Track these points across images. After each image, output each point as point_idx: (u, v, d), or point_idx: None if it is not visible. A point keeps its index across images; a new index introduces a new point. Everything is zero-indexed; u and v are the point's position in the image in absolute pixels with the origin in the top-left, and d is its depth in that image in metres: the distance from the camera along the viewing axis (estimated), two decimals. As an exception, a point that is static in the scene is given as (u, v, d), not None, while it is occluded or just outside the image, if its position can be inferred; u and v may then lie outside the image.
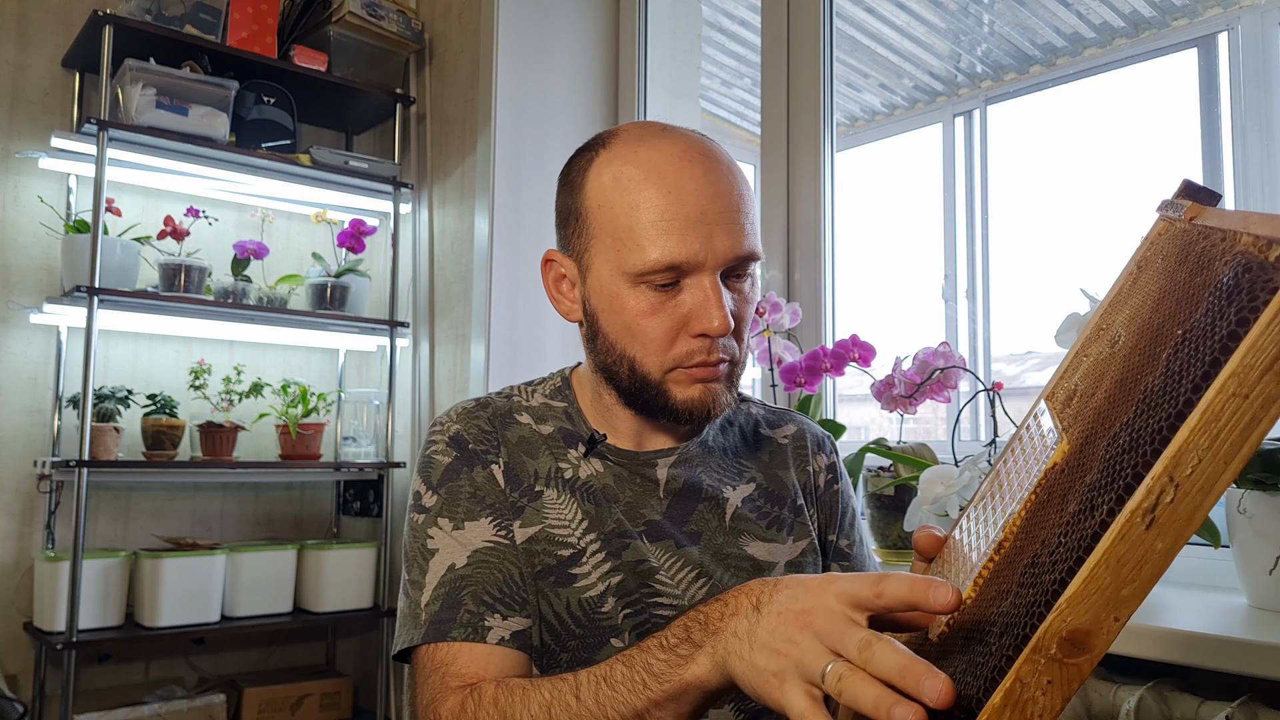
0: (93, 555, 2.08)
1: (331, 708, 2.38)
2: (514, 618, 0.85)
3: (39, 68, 2.29)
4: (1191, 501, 0.45)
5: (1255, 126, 1.56)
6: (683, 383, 0.87)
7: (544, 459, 0.94)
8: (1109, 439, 0.52)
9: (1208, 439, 0.44)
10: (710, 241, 0.84)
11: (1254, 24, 1.62)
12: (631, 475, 0.94)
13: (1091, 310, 1.16)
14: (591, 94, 2.41)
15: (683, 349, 0.86)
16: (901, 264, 2.34)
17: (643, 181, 0.85)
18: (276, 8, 2.38)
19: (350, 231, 2.44)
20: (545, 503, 0.91)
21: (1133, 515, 0.45)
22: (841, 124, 2.42)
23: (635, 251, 0.84)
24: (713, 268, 0.85)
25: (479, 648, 0.83)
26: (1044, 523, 0.55)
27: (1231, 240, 0.51)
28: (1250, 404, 0.43)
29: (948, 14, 2.34)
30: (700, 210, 0.84)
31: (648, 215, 0.84)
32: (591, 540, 0.90)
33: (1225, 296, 0.48)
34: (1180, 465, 0.44)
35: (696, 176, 0.85)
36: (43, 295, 2.23)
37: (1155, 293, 0.58)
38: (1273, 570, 1.06)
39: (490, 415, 0.97)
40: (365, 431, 2.54)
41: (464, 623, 0.84)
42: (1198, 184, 0.64)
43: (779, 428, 1.04)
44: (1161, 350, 0.51)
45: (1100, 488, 0.50)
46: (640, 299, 0.86)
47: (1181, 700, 1.05)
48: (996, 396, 1.35)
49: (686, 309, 0.85)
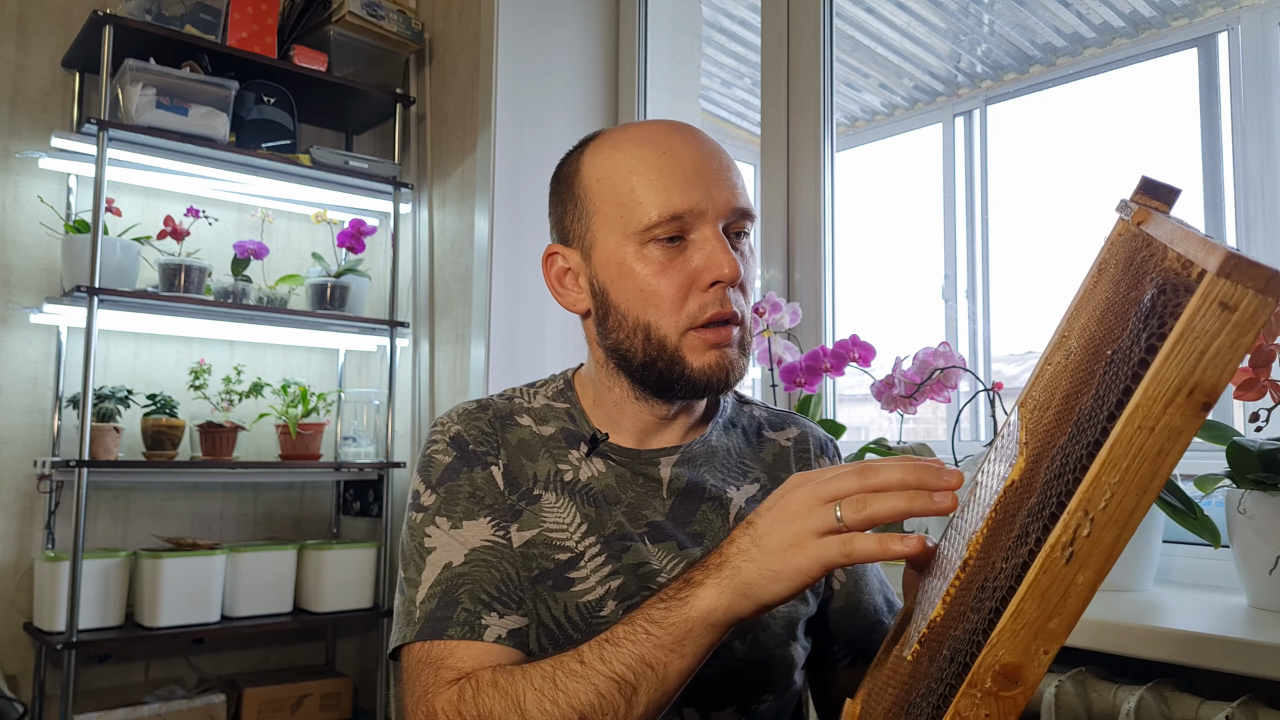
0: (93, 555, 2.08)
1: (331, 708, 2.38)
2: (510, 616, 0.84)
3: (39, 68, 2.29)
4: (1108, 534, 0.45)
5: (1255, 126, 1.56)
6: (698, 349, 0.87)
7: (543, 461, 0.94)
8: (1048, 461, 0.52)
9: (1118, 474, 0.44)
10: (710, 194, 0.87)
11: (1254, 24, 1.62)
12: (634, 475, 0.93)
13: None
14: (591, 94, 2.41)
15: (695, 304, 0.86)
16: (901, 264, 2.33)
17: (636, 149, 0.89)
18: (276, 8, 2.38)
19: (350, 231, 2.44)
20: (543, 506, 0.91)
21: (1052, 550, 0.46)
22: (841, 124, 2.42)
23: (638, 210, 0.87)
24: (714, 219, 0.87)
25: (475, 645, 0.82)
26: (997, 544, 0.55)
27: (1160, 256, 0.51)
28: (1156, 437, 0.44)
29: (948, 14, 2.34)
30: (695, 166, 0.87)
31: (646, 175, 0.87)
32: (590, 544, 0.89)
33: (1142, 319, 0.48)
34: (1094, 500, 0.45)
35: (686, 140, 0.89)
36: (43, 295, 2.23)
37: (1103, 303, 0.58)
38: (1273, 570, 1.06)
39: (491, 417, 0.96)
40: (365, 431, 2.54)
41: (460, 620, 0.83)
42: (1156, 180, 0.63)
43: (781, 430, 1.03)
44: (1096, 369, 0.52)
45: (1034, 513, 0.51)
46: (649, 259, 0.87)
47: (1181, 700, 1.05)
48: (996, 396, 1.35)
49: (695, 263, 0.86)
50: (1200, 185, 1.65)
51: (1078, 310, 0.65)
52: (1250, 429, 1.12)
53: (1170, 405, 0.43)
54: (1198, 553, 1.32)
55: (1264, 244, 1.53)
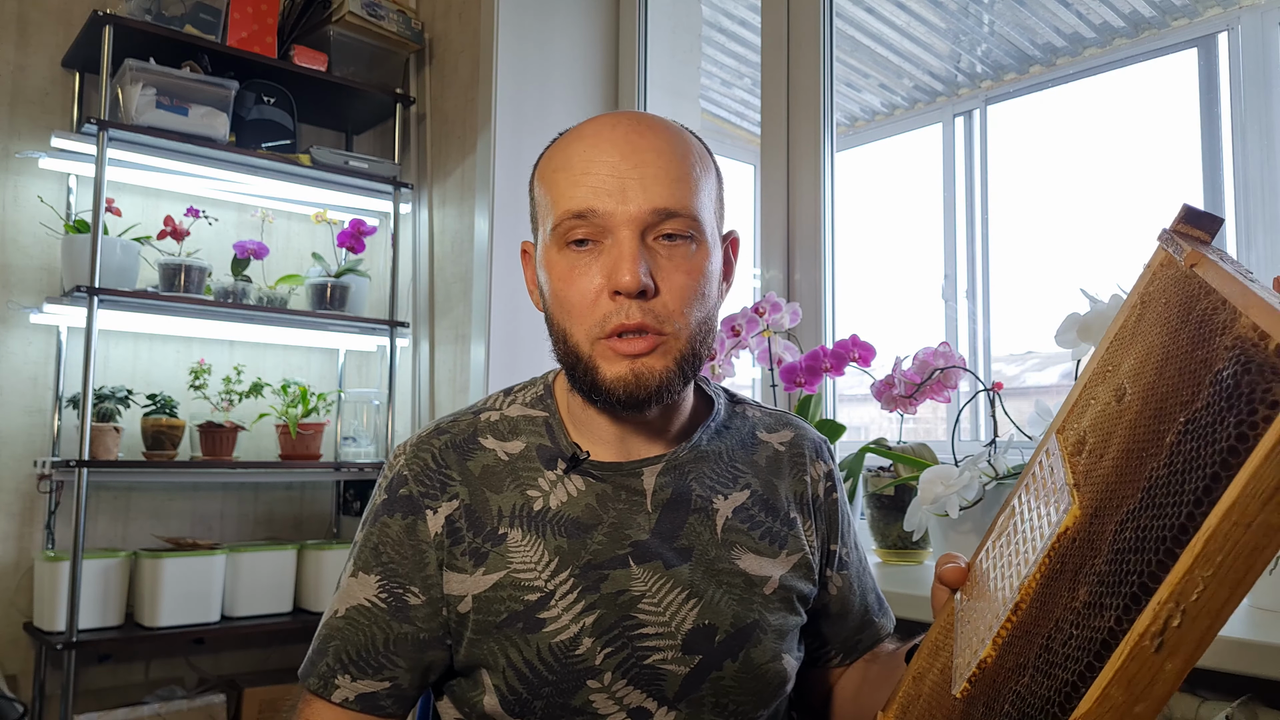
0: (93, 555, 2.08)
1: (331, 708, 2.38)
2: (363, 680, 0.85)
3: (39, 68, 2.29)
4: (1200, 624, 0.44)
5: (1255, 126, 1.56)
6: (609, 358, 0.82)
7: (509, 493, 0.88)
8: (1116, 524, 0.51)
9: (1211, 568, 0.43)
10: (625, 193, 0.81)
11: (1254, 24, 1.62)
12: (616, 490, 0.88)
13: (1092, 311, 1.16)
14: (591, 94, 2.41)
15: (601, 313, 0.81)
16: (901, 264, 2.33)
17: (567, 147, 0.85)
18: (276, 8, 2.38)
19: (350, 231, 2.44)
20: (509, 546, 0.86)
21: (1141, 638, 0.45)
22: (841, 124, 2.42)
23: (552, 211, 0.84)
24: (628, 221, 0.80)
25: (322, 705, 0.86)
26: (1057, 597, 0.55)
27: (1229, 318, 0.50)
28: (1253, 533, 0.43)
29: (948, 14, 2.34)
30: (614, 165, 0.81)
31: (565, 173, 0.83)
32: (562, 581, 0.85)
33: (1226, 396, 0.47)
34: (1185, 592, 0.44)
35: (618, 137, 0.83)
36: (43, 295, 2.23)
37: (1160, 350, 0.57)
38: (1273, 570, 1.06)
39: (445, 445, 0.91)
40: (365, 431, 2.54)
41: (320, 674, 0.86)
42: (1198, 209, 0.62)
43: (775, 432, 1.00)
44: (1166, 432, 0.51)
45: (1109, 583, 0.50)
46: (563, 262, 0.83)
47: (1181, 700, 1.05)
48: (996, 396, 1.35)
49: (602, 270, 0.81)
50: (1200, 185, 1.65)
51: (1122, 344, 0.63)
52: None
53: (1269, 504, 0.42)
54: (1198, 553, 1.32)
55: (1264, 244, 1.53)
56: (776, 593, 0.89)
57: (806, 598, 0.93)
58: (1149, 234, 0.64)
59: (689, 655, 0.84)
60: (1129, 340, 0.62)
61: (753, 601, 0.88)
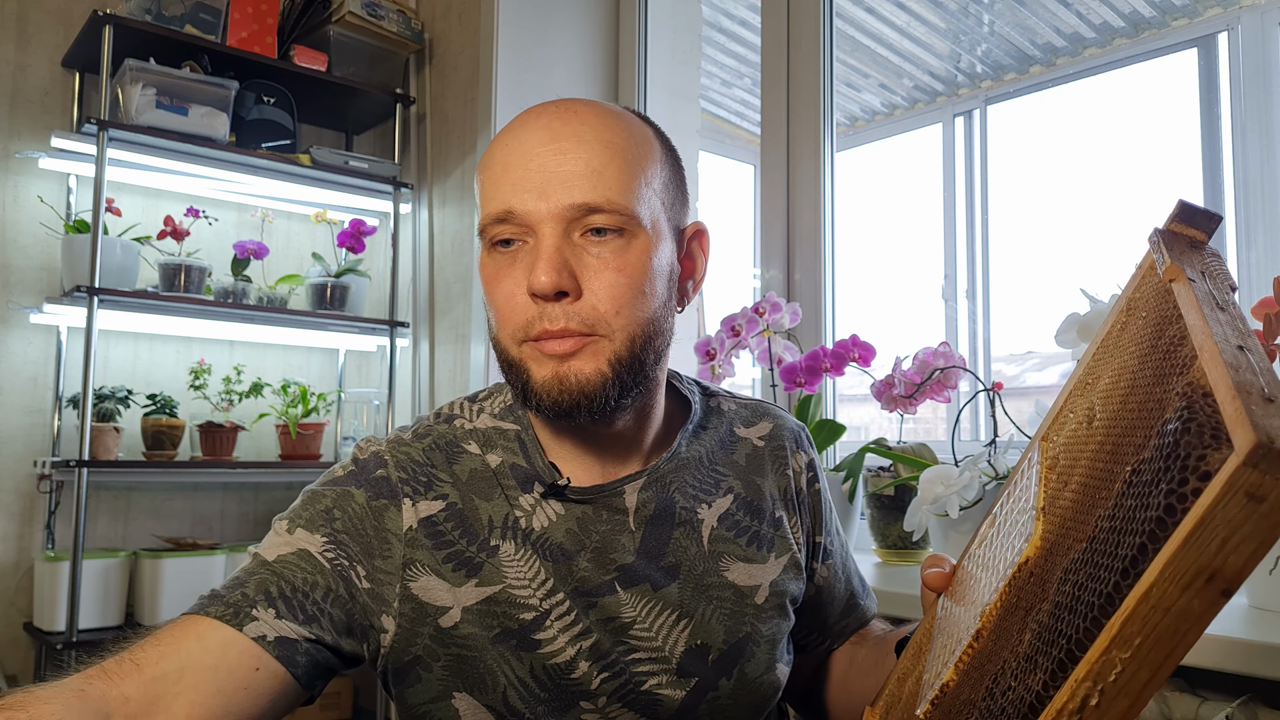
0: (93, 555, 2.08)
1: (332, 708, 2.38)
2: (288, 621, 0.72)
3: (39, 68, 2.29)
4: (1119, 705, 0.42)
5: (1255, 126, 1.56)
6: (537, 359, 0.77)
7: (498, 502, 0.82)
8: (1062, 572, 0.50)
9: (1129, 650, 0.41)
10: (545, 189, 0.75)
11: (1254, 24, 1.62)
12: (597, 511, 0.83)
13: (1092, 311, 1.16)
14: (591, 93, 2.41)
15: (524, 317, 0.76)
16: (901, 264, 2.33)
17: (497, 141, 0.80)
18: (276, 8, 2.38)
19: (350, 231, 2.44)
20: (503, 559, 0.80)
21: (1059, 715, 0.44)
22: (841, 124, 2.42)
23: (481, 211, 0.79)
24: (547, 218, 0.75)
25: (227, 632, 0.71)
26: (1008, 634, 0.54)
27: (1190, 357, 0.47)
28: (1172, 618, 0.40)
29: (948, 14, 2.34)
30: (538, 158, 0.76)
31: (490, 170, 0.79)
32: (557, 601, 0.80)
33: (1165, 455, 0.44)
34: (1103, 673, 0.42)
35: (540, 130, 0.77)
36: (43, 295, 2.23)
37: (1129, 376, 0.55)
38: (1273, 570, 1.06)
39: (428, 447, 0.84)
40: (365, 432, 2.54)
41: (230, 602, 0.72)
42: (1194, 206, 0.58)
43: (753, 426, 0.96)
44: (1116, 477, 0.49)
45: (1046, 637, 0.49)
46: (490, 264, 0.79)
47: (1181, 700, 1.05)
48: (996, 396, 1.35)
49: (522, 271, 0.77)
50: (1200, 185, 1.65)
51: (1106, 354, 0.61)
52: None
53: (1187, 590, 0.39)
54: (1198, 553, 1.31)
55: (1264, 244, 1.53)
56: (768, 600, 0.88)
57: (797, 598, 0.92)
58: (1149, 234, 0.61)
59: (684, 679, 0.82)
60: (1112, 350, 0.61)
61: (744, 614, 0.86)
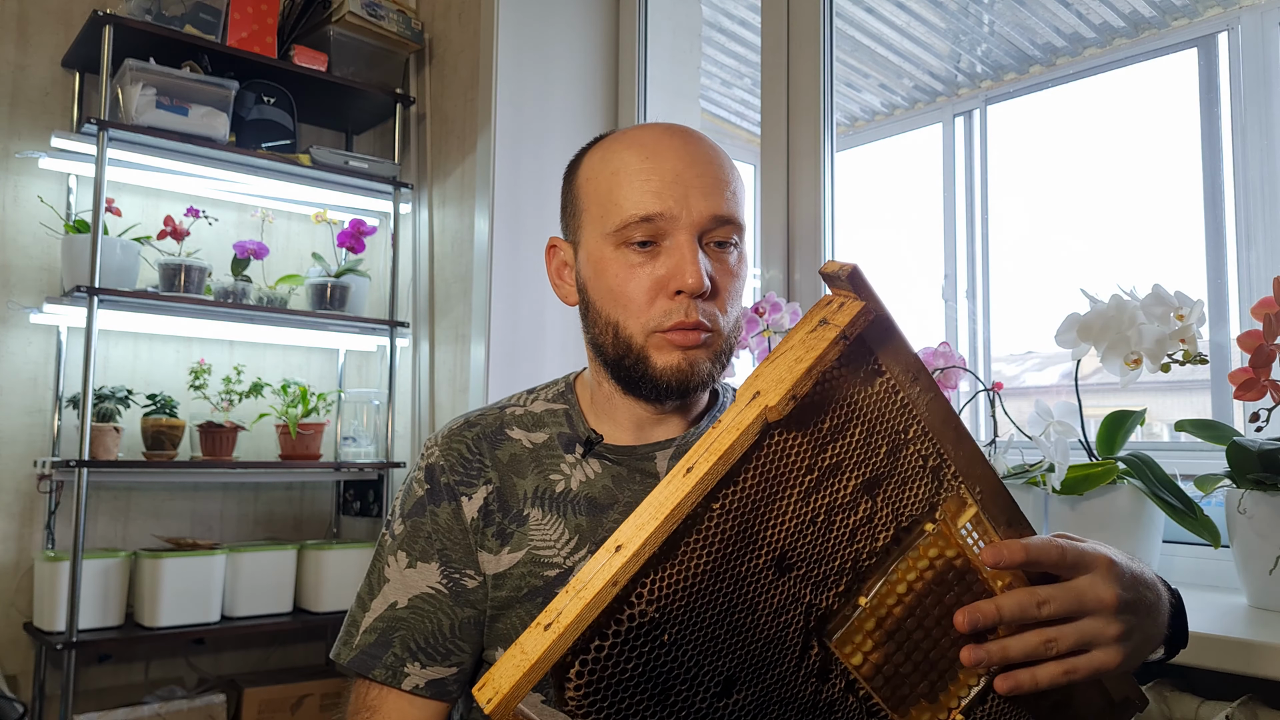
0: (93, 555, 2.08)
1: (332, 708, 2.38)
2: (433, 667, 0.91)
3: (39, 68, 2.29)
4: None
5: (1255, 126, 1.56)
6: (663, 349, 0.88)
7: (531, 477, 0.95)
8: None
9: None
10: (686, 200, 0.87)
11: (1254, 24, 1.62)
12: (630, 473, 0.95)
13: (1092, 311, 1.16)
14: (591, 94, 2.41)
15: (660, 309, 0.88)
16: (901, 264, 2.33)
17: (624, 151, 0.91)
18: (276, 8, 2.38)
19: (350, 231, 2.44)
20: (530, 525, 0.93)
21: None
22: (841, 124, 2.42)
23: (614, 211, 0.89)
24: (688, 226, 0.87)
25: (398, 697, 0.91)
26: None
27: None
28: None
29: (948, 14, 2.34)
30: (677, 172, 0.88)
31: (627, 177, 0.89)
32: (581, 558, 0.91)
33: None
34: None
35: (676, 146, 0.90)
36: (43, 295, 2.23)
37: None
38: (1273, 570, 1.06)
39: (477, 436, 0.98)
40: (365, 431, 2.54)
41: (387, 664, 0.91)
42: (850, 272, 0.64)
43: None
44: None
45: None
46: (621, 260, 0.89)
47: (1181, 700, 1.05)
48: (996, 396, 1.35)
49: (664, 269, 0.88)
50: (1200, 185, 1.65)
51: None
52: (1250, 429, 1.12)
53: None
54: (1198, 552, 1.32)
55: (1264, 244, 1.53)
56: None
57: None
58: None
59: None
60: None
61: None
